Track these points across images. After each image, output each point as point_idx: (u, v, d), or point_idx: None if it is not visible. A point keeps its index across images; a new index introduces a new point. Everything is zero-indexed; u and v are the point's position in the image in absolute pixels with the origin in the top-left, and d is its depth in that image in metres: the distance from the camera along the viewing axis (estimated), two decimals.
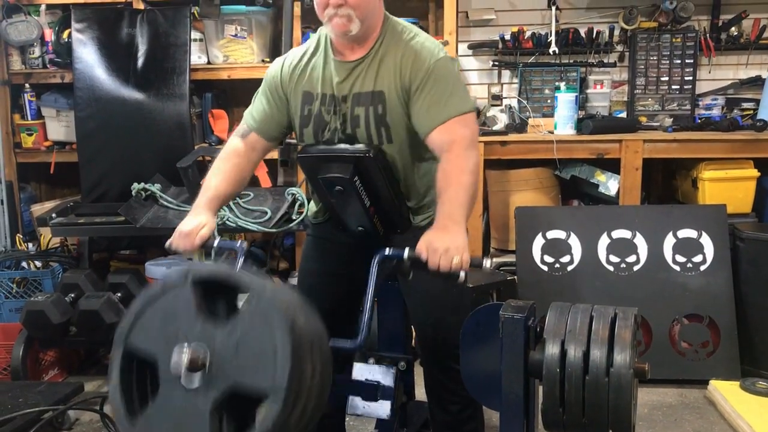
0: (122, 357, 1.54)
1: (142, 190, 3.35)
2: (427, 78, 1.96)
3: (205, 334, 1.46)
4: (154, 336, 1.52)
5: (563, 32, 3.93)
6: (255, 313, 1.45)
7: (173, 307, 1.52)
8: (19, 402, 2.77)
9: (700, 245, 3.32)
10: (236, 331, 1.45)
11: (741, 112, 3.88)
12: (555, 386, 1.56)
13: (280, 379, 1.39)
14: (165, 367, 1.47)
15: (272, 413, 1.39)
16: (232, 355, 1.44)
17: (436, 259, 1.76)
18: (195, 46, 3.78)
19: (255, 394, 1.42)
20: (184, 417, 1.46)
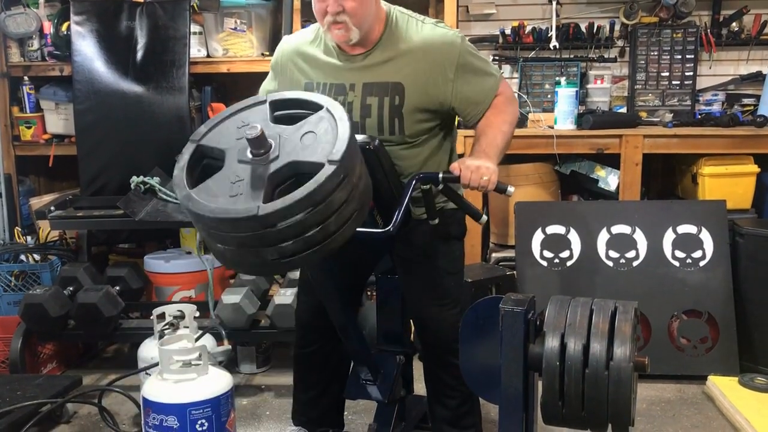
0: (193, 152, 1.70)
1: (141, 183, 3.34)
2: (459, 69, 2.05)
3: (275, 131, 1.65)
4: (227, 136, 1.70)
5: (564, 27, 3.93)
6: (323, 116, 1.65)
7: (251, 118, 1.70)
8: (17, 395, 2.77)
9: (699, 241, 3.32)
10: (303, 127, 1.65)
11: (741, 108, 3.88)
12: (554, 380, 1.56)
13: (337, 153, 1.57)
14: (232, 155, 1.65)
15: (326, 172, 1.54)
16: (297, 142, 1.63)
17: (467, 174, 1.92)
18: (194, 39, 3.76)
19: (312, 167, 1.57)
20: (243, 182, 1.60)
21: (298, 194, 1.53)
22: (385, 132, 2.06)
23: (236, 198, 1.59)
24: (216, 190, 1.62)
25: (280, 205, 1.53)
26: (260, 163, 1.61)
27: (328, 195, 1.56)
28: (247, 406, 3.03)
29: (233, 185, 1.61)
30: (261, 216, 1.53)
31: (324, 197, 1.55)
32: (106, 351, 3.74)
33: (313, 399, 2.43)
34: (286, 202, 1.53)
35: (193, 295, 3.50)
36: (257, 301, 3.18)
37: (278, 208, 1.53)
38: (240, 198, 1.59)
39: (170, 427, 2.27)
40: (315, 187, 1.53)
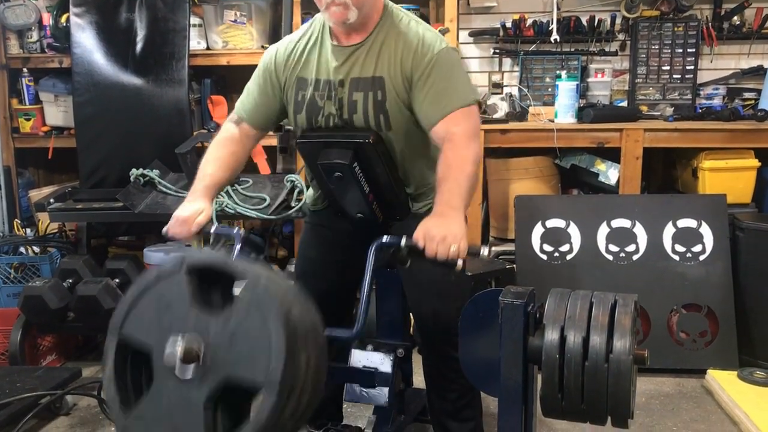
0: (117, 347, 1.52)
1: (140, 175, 3.34)
2: (430, 69, 1.94)
3: (199, 324, 1.45)
4: (148, 326, 1.51)
5: (565, 20, 3.91)
6: (250, 304, 1.44)
7: (168, 295, 1.50)
8: (16, 387, 2.77)
9: (699, 235, 3.31)
10: (231, 322, 1.44)
11: (742, 102, 3.88)
12: (554, 372, 1.56)
13: (275, 372, 1.37)
14: (159, 358, 1.46)
15: (267, 406, 1.38)
16: (227, 347, 1.43)
17: (433, 246, 1.76)
18: (194, 32, 3.75)
19: (249, 386, 1.42)
20: (178, 409, 1.45)
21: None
22: (371, 128, 2.00)
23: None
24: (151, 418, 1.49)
25: None
26: (193, 382, 1.43)
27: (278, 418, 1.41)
28: None
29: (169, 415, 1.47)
30: None
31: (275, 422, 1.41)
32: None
33: None
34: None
35: None
36: None
37: None
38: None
39: None
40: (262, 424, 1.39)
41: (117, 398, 1.51)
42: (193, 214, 1.99)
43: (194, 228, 1.98)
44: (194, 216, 1.98)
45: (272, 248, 4.13)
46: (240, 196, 3.34)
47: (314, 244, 2.30)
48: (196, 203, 2.01)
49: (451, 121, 1.92)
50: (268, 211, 3.30)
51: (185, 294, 1.48)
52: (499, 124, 3.66)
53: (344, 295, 2.34)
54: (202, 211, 2.00)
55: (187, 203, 2.03)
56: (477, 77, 4.07)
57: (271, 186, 3.45)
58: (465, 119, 1.94)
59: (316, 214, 2.29)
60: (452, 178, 1.87)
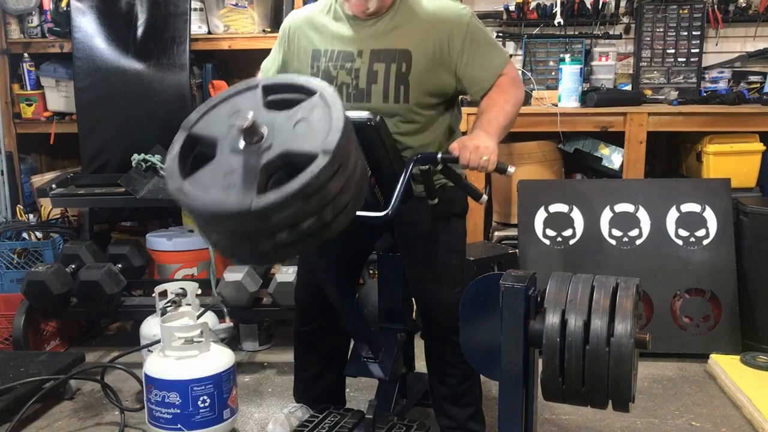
0: (185, 139, 1.65)
1: (142, 161, 3.33)
2: (468, 41, 2.04)
3: (268, 118, 1.60)
4: (219, 124, 1.64)
5: (568, 3, 3.88)
6: (316, 102, 1.60)
7: (242, 104, 1.65)
8: (20, 372, 2.78)
9: (703, 219, 3.30)
10: (297, 114, 1.60)
11: (747, 86, 3.84)
12: (555, 356, 1.56)
13: (331, 141, 1.51)
14: (224, 144, 1.60)
15: (319, 164, 1.49)
16: (290, 131, 1.58)
17: (466, 154, 1.89)
18: (195, 16, 3.72)
19: (306, 158, 1.52)
20: (236, 173, 1.55)
21: (292, 187, 1.48)
22: (390, 99, 2.05)
23: (229, 189, 1.54)
24: (208, 182, 1.57)
25: (274, 198, 1.49)
26: (253, 153, 1.56)
27: (323, 186, 1.51)
28: (250, 383, 3.04)
29: (225, 176, 1.56)
30: (254, 211, 1.49)
31: (319, 189, 1.51)
32: (109, 328, 3.75)
33: (314, 377, 2.44)
34: (280, 195, 1.48)
35: (195, 272, 3.50)
36: (259, 279, 3.18)
37: (272, 202, 1.49)
38: (233, 190, 1.54)
39: (172, 403, 2.28)
40: (309, 179, 1.48)
41: (177, 168, 1.61)
42: None
43: None
44: None
45: None
46: None
47: None
48: None
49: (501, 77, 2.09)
50: None
51: (259, 102, 1.64)
52: None
53: (346, 278, 2.34)
54: None
55: None
56: None
57: None
58: (509, 70, 2.12)
59: None
60: (493, 112, 2.02)
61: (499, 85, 2.08)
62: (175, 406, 2.28)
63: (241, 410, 2.63)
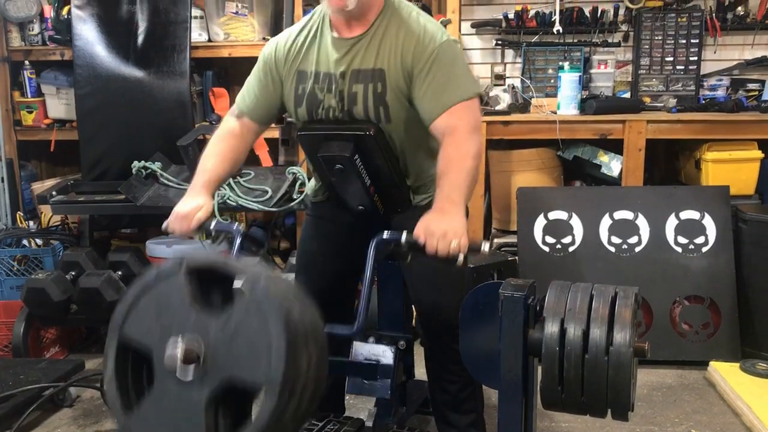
0: (117, 348, 1.53)
1: (142, 168, 3.34)
2: (431, 63, 1.92)
3: (199, 325, 1.45)
4: (148, 327, 1.50)
5: (567, 11, 3.89)
6: (249, 304, 1.43)
7: (167, 296, 1.50)
8: (20, 379, 2.78)
9: (702, 227, 3.31)
10: (231, 323, 1.44)
11: (746, 93, 3.85)
12: (554, 365, 1.56)
13: (275, 373, 1.38)
14: (160, 360, 1.45)
15: (268, 407, 1.38)
16: (227, 348, 1.42)
17: (433, 243, 1.76)
18: (195, 24, 3.74)
19: (250, 387, 1.42)
20: (180, 411, 1.45)
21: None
22: (371, 120, 1.98)
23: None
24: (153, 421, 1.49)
25: None
26: (194, 385, 1.43)
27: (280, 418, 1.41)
28: None
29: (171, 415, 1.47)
30: None
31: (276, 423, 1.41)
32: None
33: None
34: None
35: None
36: None
37: None
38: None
39: None
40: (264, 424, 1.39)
41: (118, 399, 1.51)
42: (193, 210, 1.98)
43: (194, 224, 1.97)
44: (194, 212, 1.97)
45: (274, 240, 4.13)
46: (242, 189, 3.34)
47: (315, 236, 2.30)
48: (196, 199, 2.01)
49: (453, 115, 1.91)
50: (270, 204, 3.30)
51: (185, 295, 1.48)
52: (502, 115, 3.65)
53: (346, 287, 2.34)
54: (202, 207, 1.99)
55: (187, 198, 2.02)
56: (479, 68, 4.05)
57: (273, 178, 3.45)
58: (466, 113, 1.93)
59: (317, 206, 2.29)
60: (453, 173, 1.86)
61: (456, 134, 1.90)
62: None
63: None
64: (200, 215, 1.98)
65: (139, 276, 1.57)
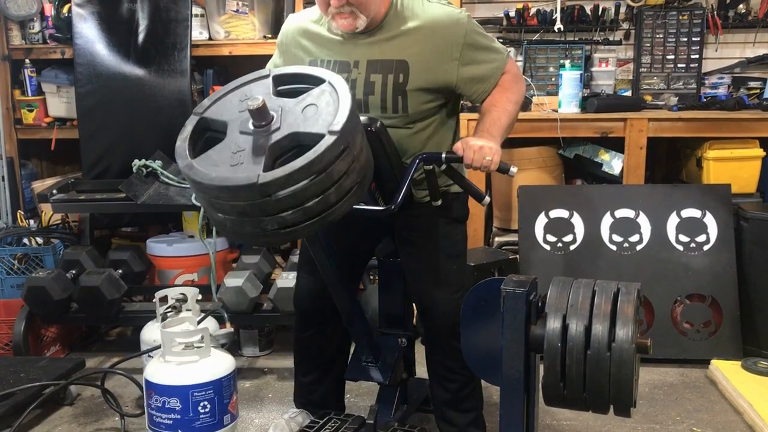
0: (196, 124, 1.71)
1: (143, 166, 3.33)
2: (465, 47, 2.02)
3: (277, 104, 1.67)
4: (230, 109, 1.71)
5: (568, 9, 3.89)
6: (325, 88, 1.67)
7: (253, 92, 1.72)
8: (20, 377, 2.78)
9: (703, 225, 3.30)
10: (305, 100, 1.67)
11: (747, 91, 3.84)
12: (556, 361, 1.55)
13: (337, 123, 1.57)
14: (235, 126, 1.67)
15: (326, 142, 1.55)
16: (298, 114, 1.64)
17: (470, 154, 1.91)
18: (196, 22, 3.74)
19: (313, 138, 1.58)
20: (244, 151, 1.62)
21: (298, 163, 1.54)
22: (388, 110, 2.04)
23: (237, 167, 1.61)
24: (217, 160, 1.63)
25: (280, 173, 1.54)
26: (262, 134, 1.63)
27: (329, 165, 1.56)
28: (250, 389, 3.04)
29: (234, 155, 1.62)
30: (260, 184, 1.54)
31: (324, 167, 1.56)
32: (109, 334, 3.75)
33: (313, 382, 2.44)
34: (286, 171, 1.54)
35: (196, 278, 3.50)
36: (260, 285, 3.18)
37: (278, 177, 1.54)
38: (240, 167, 1.60)
39: (173, 408, 2.28)
40: (315, 157, 1.54)
41: (187, 148, 1.67)
42: None
43: None
44: None
45: None
46: None
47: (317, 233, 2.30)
48: None
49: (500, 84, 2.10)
50: None
51: (269, 91, 1.71)
52: None
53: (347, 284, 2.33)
54: None
55: None
56: None
57: None
58: (509, 67, 2.13)
59: None
60: (495, 112, 2.05)
61: (500, 84, 2.10)
62: (176, 411, 2.27)
63: (241, 416, 2.62)
64: None
65: None
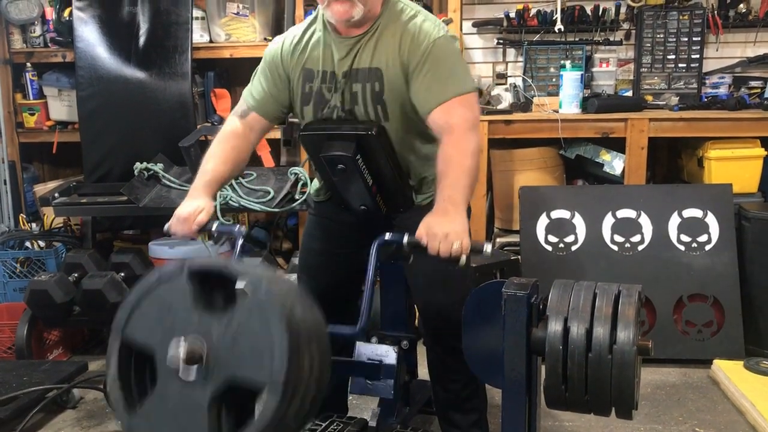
0: (119, 348, 1.53)
1: (144, 169, 3.34)
2: (426, 58, 1.93)
3: (202, 326, 1.46)
4: (150, 328, 1.51)
5: (569, 9, 3.89)
6: (252, 305, 1.44)
7: (170, 298, 1.51)
8: (23, 381, 2.78)
9: (705, 225, 3.30)
10: (233, 323, 1.45)
11: (748, 91, 3.84)
12: (558, 363, 1.55)
13: (278, 372, 1.39)
14: (162, 360, 1.46)
15: (270, 407, 1.39)
16: (230, 348, 1.43)
17: (435, 244, 1.76)
18: (197, 25, 3.75)
19: (253, 387, 1.42)
20: (183, 410, 1.46)
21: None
22: (372, 119, 2.00)
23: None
24: (157, 420, 1.50)
25: None
26: (197, 385, 1.45)
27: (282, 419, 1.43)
28: None
29: (174, 415, 1.48)
30: None
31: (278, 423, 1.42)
32: None
33: None
34: None
35: None
36: None
37: None
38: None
39: None
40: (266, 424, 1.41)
41: (121, 399, 1.52)
42: (194, 212, 1.96)
43: (195, 227, 1.97)
44: (195, 214, 1.96)
45: (277, 241, 4.13)
46: (244, 189, 3.34)
47: (318, 237, 2.30)
48: (197, 201, 1.99)
49: (449, 110, 1.91)
50: (272, 204, 3.30)
51: (187, 297, 1.49)
52: (504, 114, 3.65)
53: (348, 287, 2.33)
54: (203, 209, 1.97)
55: (188, 201, 2.01)
56: (481, 68, 4.05)
57: (275, 179, 3.45)
58: (463, 108, 1.92)
59: (320, 206, 2.29)
60: (452, 173, 1.85)
61: (453, 133, 1.89)
62: None
63: None
64: (201, 218, 1.97)
65: (141, 278, 1.58)
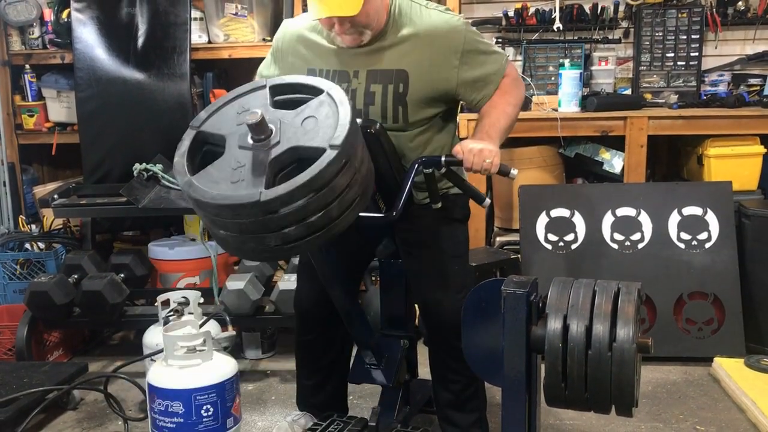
0: (193, 138, 1.71)
1: (143, 170, 3.33)
2: (464, 54, 2.02)
3: (276, 116, 1.66)
4: (227, 122, 1.70)
5: (567, 8, 3.89)
6: (324, 99, 1.66)
7: (249, 104, 1.71)
8: (23, 382, 2.78)
9: (705, 222, 3.30)
10: (305, 112, 1.66)
11: (747, 89, 3.84)
12: (557, 361, 1.55)
13: (338, 137, 1.56)
14: (233, 136, 1.66)
15: (327, 157, 1.54)
16: (298, 127, 1.63)
17: (470, 158, 1.91)
18: (195, 25, 3.74)
19: (314, 152, 1.57)
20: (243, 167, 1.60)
21: (299, 180, 1.53)
22: (388, 120, 2.04)
23: (238, 184, 1.59)
24: (217, 176, 1.62)
25: (282, 190, 1.53)
26: (261, 149, 1.61)
27: (330, 180, 1.56)
28: (253, 392, 3.04)
29: (234, 171, 1.60)
30: (263, 202, 1.53)
31: (326, 183, 1.55)
32: (112, 338, 3.76)
33: (316, 385, 2.44)
34: (288, 188, 1.53)
35: (198, 281, 3.50)
36: (261, 287, 3.18)
37: (280, 194, 1.53)
38: (241, 184, 1.59)
39: (176, 412, 2.28)
40: (316, 173, 1.53)
41: (185, 165, 1.66)
42: None
43: None
44: None
45: None
46: None
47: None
48: None
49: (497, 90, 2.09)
50: None
51: (266, 102, 1.70)
52: None
53: (348, 286, 2.34)
54: None
55: None
56: None
57: None
58: (509, 71, 2.13)
59: None
60: (494, 114, 2.05)
61: (500, 87, 2.09)
62: (179, 415, 2.28)
63: (244, 419, 2.63)
64: None
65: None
